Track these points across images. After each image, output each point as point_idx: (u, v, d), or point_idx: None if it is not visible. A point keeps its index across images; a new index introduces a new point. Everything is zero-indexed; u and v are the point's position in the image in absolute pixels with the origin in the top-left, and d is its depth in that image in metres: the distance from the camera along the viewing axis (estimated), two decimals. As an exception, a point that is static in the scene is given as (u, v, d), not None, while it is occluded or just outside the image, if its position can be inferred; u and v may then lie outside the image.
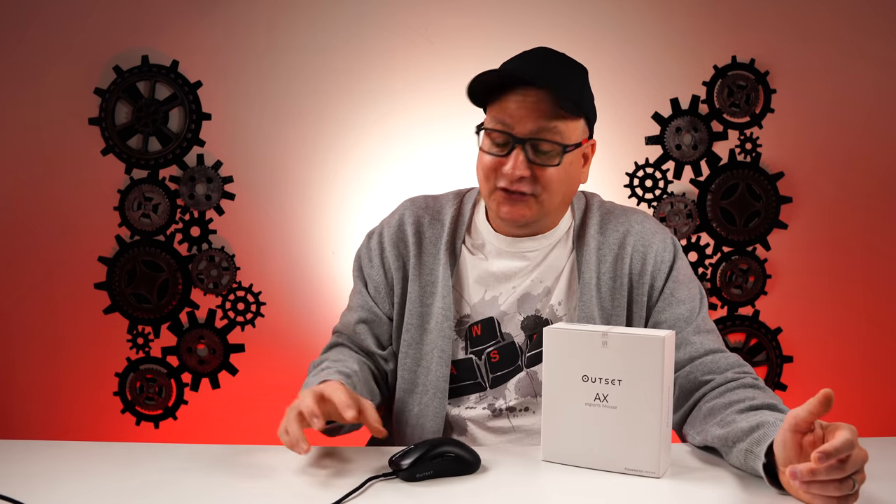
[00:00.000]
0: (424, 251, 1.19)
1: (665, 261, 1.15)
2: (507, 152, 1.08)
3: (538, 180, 1.08)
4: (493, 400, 1.16)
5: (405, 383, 1.17)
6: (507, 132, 1.08)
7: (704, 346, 1.09)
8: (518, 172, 1.07)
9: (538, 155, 1.08)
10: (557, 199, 1.12)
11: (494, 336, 1.16)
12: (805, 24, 2.09)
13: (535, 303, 1.16)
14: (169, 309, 2.14)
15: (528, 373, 1.15)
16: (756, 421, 0.89)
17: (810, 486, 0.77)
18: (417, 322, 1.17)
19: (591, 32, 2.08)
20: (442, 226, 1.20)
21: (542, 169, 1.08)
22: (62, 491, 0.86)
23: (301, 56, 2.10)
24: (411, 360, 1.17)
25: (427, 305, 1.17)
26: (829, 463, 0.73)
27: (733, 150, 2.12)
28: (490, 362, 1.16)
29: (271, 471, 0.93)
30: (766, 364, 2.15)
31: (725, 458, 0.95)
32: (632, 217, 1.19)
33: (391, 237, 1.20)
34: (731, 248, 2.14)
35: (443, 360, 1.14)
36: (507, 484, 0.89)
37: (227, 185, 2.12)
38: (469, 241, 1.19)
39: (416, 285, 1.18)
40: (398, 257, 1.19)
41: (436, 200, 1.24)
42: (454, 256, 1.18)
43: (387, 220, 1.24)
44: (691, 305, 1.13)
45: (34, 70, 2.09)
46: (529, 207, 1.10)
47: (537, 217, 1.12)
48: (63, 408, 2.15)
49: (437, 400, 1.14)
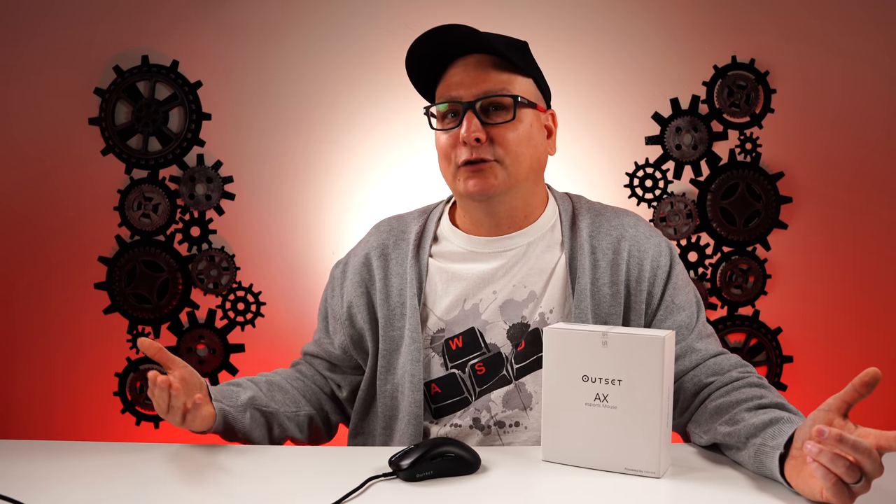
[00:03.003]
0: (391, 273, 1.15)
1: (662, 266, 1.11)
2: (460, 122, 1.05)
3: (496, 141, 1.04)
4: (476, 413, 1.10)
5: (387, 409, 1.14)
6: (455, 100, 1.05)
7: (709, 352, 1.08)
8: (474, 134, 1.03)
9: (491, 115, 1.05)
10: (524, 166, 1.07)
11: (478, 347, 1.10)
12: (805, 24, 2.09)
13: (520, 309, 1.10)
14: (169, 309, 2.14)
15: (517, 385, 1.09)
16: (769, 417, 0.89)
17: (820, 455, 0.75)
18: (390, 347, 1.13)
19: (590, 32, 2.08)
20: (407, 244, 1.16)
21: (498, 129, 1.04)
22: (62, 491, 0.86)
23: (301, 56, 2.10)
24: (391, 386, 1.14)
25: (398, 328, 1.13)
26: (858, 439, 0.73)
27: (733, 150, 2.12)
28: (476, 375, 1.10)
29: (271, 471, 0.93)
30: (766, 364, 2.15)
31: (732, 455, 0.94)
32: (624, 220, 1.14)
33: (356, 266, 1.18)
34: (731, 248, 2.14)
35: (414, 385, 1.09)
36: (507, 484, 0.89)
37: (227, 185, 2.12)
38: (437, 252, 1.15)
39: (384, 310, 1.14)
40: (361, 287, 1.16)
41: (400, 221, 1.21)
42: (420, 272, 1.13)
43: (353, 250, 1.22)
44: (690, 311, 1.11)
45: (34, 70, 2.09)
46: (496, 175, 1.05)
47: (507, 186, 1.07)
48: (63, 408, 2.15)
49: (412, 427, 1.10)
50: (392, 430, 1.14)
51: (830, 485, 0.76)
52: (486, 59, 1.05)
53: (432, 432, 1.12)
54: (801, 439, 0.82)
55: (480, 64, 1.05)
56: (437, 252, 1.15)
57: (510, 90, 1.05)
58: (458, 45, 1.06)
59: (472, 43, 1.05)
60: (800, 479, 0.81)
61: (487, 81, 1.04)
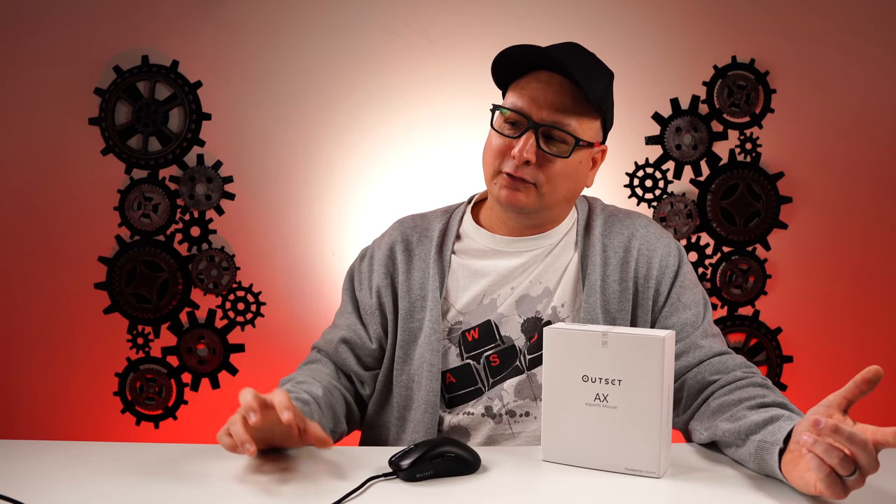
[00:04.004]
0: (413, 267, 1.18)
1: (670, 265, 1.14)
2: (519, 135, 1.06)
3: (542, 167, 1.07)
4: (488, 402, 1.13)
5: (402, 400, 1.16)
6: (524, 114, 1.06)
7: (713, 349, 1.09)
8: (526, 155, 1.05)
9: (549, 144, 1.07)
10: (559, 195, 1.10)
11: (493, 339, 1.14)
12: (805, 24, 2.09)
13: (535, 304, 1.14)
14: (169, 309, 2.14)
15: (529, 375, 1.13)
16: (770, 415, 0.90)
17: (815, 445, 0.75)
18: (408, 338, 1.16)
19: (591, 32, 2.07)
20: (430, 241, 1.19)
21: (549, 159, 1.07)
22: (62, 491, 0.86)
23: (301, 56, 2.10)
24: (406, 376, 1.16)
25: (418, 320, 1.16)
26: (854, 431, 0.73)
27: (733, 150, 2.12)
28: (490, 366, 1.14)
29: (271, 471, 0.93)
30: (766, 364, 2.15)
31: (732, 452, 0.94)
32: (636, 221, 1.18)
33: (381, 258, 1.20)
34: (731, 248, 2.14)
35: (432, 374, 1.12)
36: (507, 484, 0.89)
37: (227, 185, 2.12)
38: (460, 249, 1.18)
39: (405, 301, 1.16)
40: (387, 276, 1.18)
41: (424, 219, 1.24)
42: (443, 268, 1.17)
43: (377, 241, 1.24)
44: (697, 310, 1.13)
45: (34, 70, 2.09)
46: (528, 196, 1.08)
47: (535, 208, 1.10)
48: (63, 408, 2.15)
49: (427, 416, 1.12)
50: (406, 421, 1.16)
51: (823, 476, 0.76)
52: (567, 84, 1.06)
53: (446, 421, 1.14)
54: (798, 433, 0.83)
55: (562, 89, 1.06)
56: (461, 249, 1.18)
57: (576, 131, 1.07)
58: (553, 60, 1.05)
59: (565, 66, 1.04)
60: (795, 473, 0.82)
61: (560, 111, 1.06)
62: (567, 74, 1.05)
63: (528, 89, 1.07)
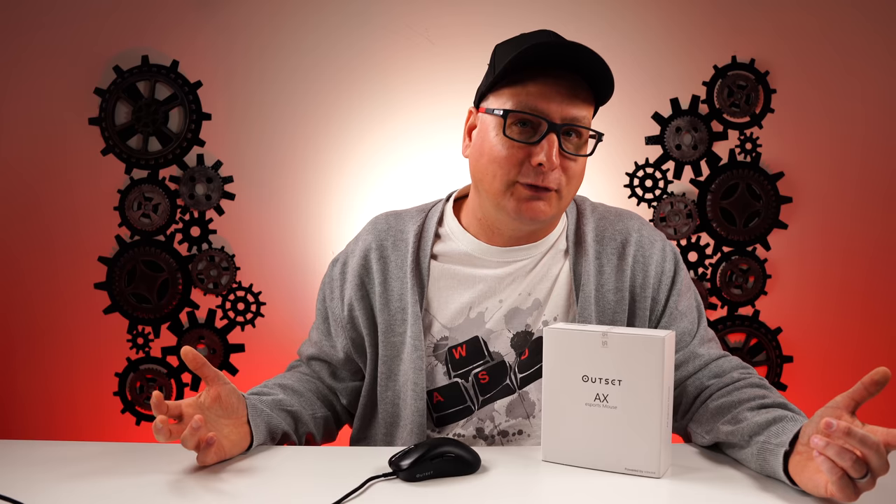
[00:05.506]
0: (390, 276, 1.10)
1: (667, 272, 1.10)
2: (538, 139, 0.97)
3: (565, 172, 0.99)
4: (479, 423, 1.09)
5: (389, 416, 1.11)
6: (541, 116, 0.96)
7: (710, 356, 1.09)
8: (556, 161, 0.96)
9: (570, 144, 0.99)
10: (571, 198, 1.04)
11: (482, 356, 1.08)
12: (805, 24, 2.09)
13: (525, 317, 1.08)
14: (169, 309, 2.14)
15: (520, 394, 1.08)
16: (772, 416, 0.89)
17: (827, 448, 0.75)
18: (391, 353, 1.10)
19: (590, 32, 2.07)
20: (406, 245, 1.10)
21: (571, 160, 0.99)
22: (62, 491, 0.86)
23: (302, 56, 2.10)
24: (392, 393, 1.11)
25: (399, 335, 1.09)
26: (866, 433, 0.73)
27: (733, 150, 2.12)
28: (479, 384, 1.08)
29: (271, 471, 0.93)
30: (766, 364, 2.15)
31: (734, 454, 0.94)
32: (628, 223, 1.12)
33: (355, 268, 1.12)
34: (731, 248, 2.14)
35: (417, 393, 1.07)
36: (507, 484, 0.89)
37: (227, 185, 2.12)
38: (440, 251, 1.11)
39: (384, 315, 1.09)
40: (360, 288, 1.11)
41: (398, 219, 1.15)
42: (421, 277, 1.09)
43: (350, 248, 1.17)
44: (692, 316, 1.11)
45: (35, 70, 2.09)
46: (549, 204, 1.00)
47: (553, 216, 1.02)
48: (63, 408, 2.15)
49: (415, 435, 1.07)
50: (394, 438, 1.12)
51: (836, 479, 0.75)
52: (580, 82, 0.98)
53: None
54: (807, 435, 0.82)
55: (576, 86, 0.97)
56: (441, 251, 1.11)
57: (590, 123, 1.00)
58: (568, 57, 0.96)
59: (583, 62, 0.96)
60: (804, 475, 0.81)
61: (577, 107, 0.97)
62: (598, 69, 0.96)
63: (537, 88, 0.97)
